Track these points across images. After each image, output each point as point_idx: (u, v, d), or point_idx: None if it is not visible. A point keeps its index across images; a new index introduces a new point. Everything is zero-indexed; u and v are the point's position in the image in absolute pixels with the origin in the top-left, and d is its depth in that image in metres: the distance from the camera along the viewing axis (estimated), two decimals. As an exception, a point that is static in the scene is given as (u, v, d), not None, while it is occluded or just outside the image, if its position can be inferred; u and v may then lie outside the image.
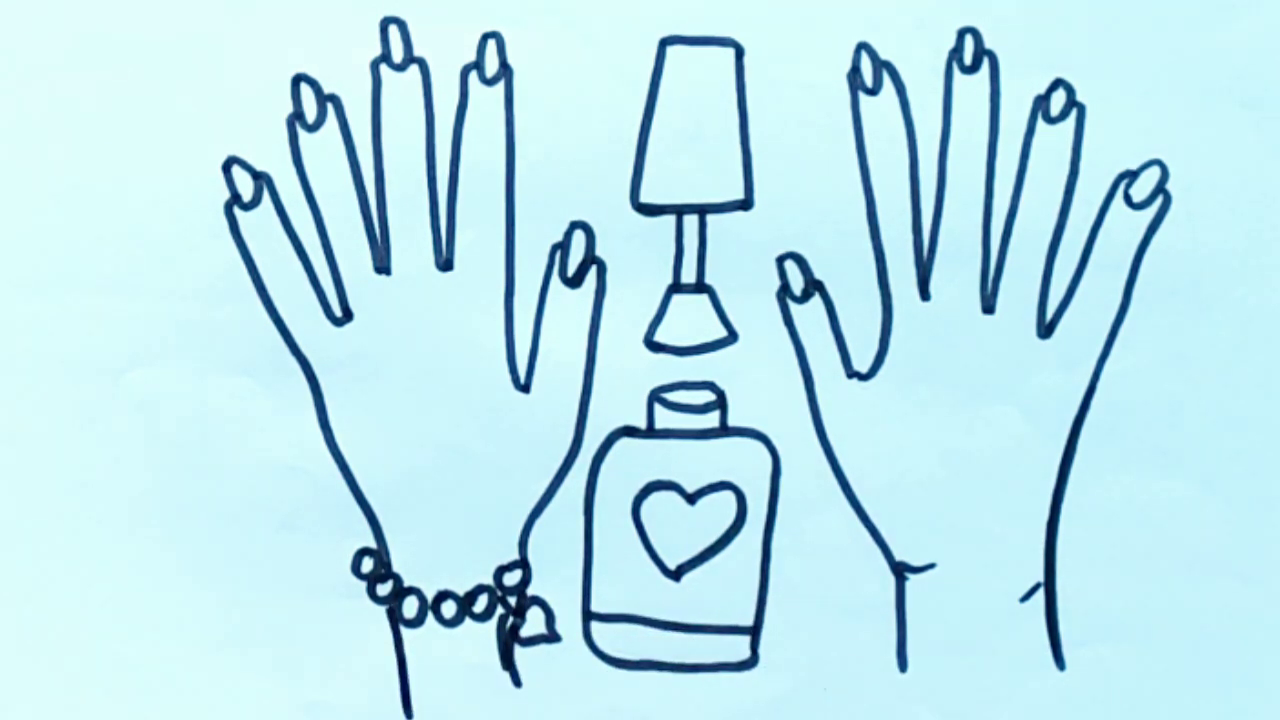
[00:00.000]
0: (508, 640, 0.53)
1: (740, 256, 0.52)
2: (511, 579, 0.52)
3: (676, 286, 0.52)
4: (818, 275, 0.52)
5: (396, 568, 0.52)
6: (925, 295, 0.52)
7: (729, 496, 0.53)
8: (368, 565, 0.52)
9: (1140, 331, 0.52)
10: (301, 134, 0.51)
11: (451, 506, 0.52)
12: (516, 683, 0.53)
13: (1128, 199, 0.52)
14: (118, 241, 0.50)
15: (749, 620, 0.53)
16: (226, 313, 0.51)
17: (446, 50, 0.51)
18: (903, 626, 0.53)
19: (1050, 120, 0.52)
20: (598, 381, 0.52)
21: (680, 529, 0.52)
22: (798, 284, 0.52)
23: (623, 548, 0.52)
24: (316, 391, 0.51)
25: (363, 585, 0.52)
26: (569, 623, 0.53)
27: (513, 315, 0.52)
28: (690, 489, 0.53)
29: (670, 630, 0.53)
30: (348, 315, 0.51)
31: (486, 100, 0.51)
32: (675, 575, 0.53)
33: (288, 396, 0.51)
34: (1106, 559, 0.53)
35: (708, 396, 0.52)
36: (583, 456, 0.52)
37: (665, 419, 0.52)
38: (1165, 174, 0.52)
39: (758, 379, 0.52)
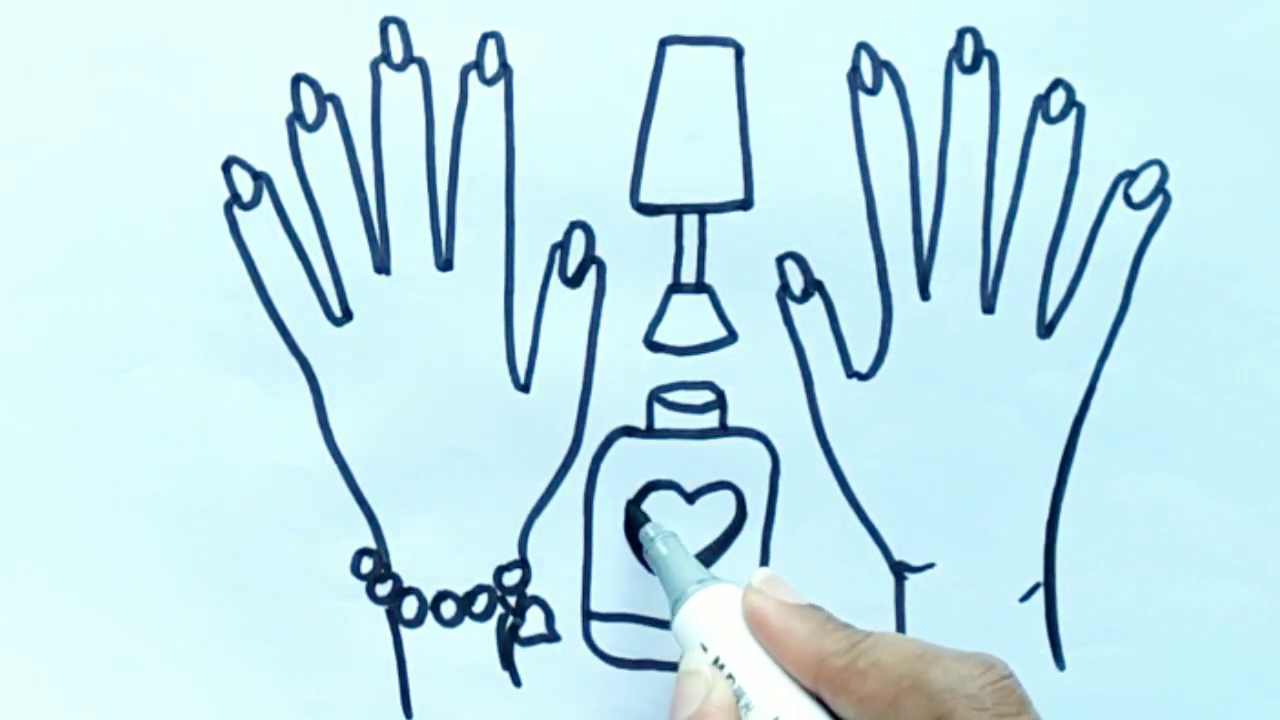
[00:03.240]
0: (507, 640, 0.53)
1: (740, 256, 0.52)
2: (511, 579, 0.52)
3: (676, 286, 0.52)
4: (818, 275, 0.52)
5: (396, 568, 0.52)
6: (925, 295, 0.52)
7: (729, 496, 0.53)
8: (367, 565, 0.52)
9: (1140, 331, 0.52)
10: (301, 134, 0.51)
11: (451, 506, 0.52)
12: (516, 682, 0.53)
13: (1128, 199, 0.52)
14: (118, 241, 0.50)
15: (749, 620, 0.53)
16: (226, 313, 0.51)
17: (446, 50, 0.51)
18: (902, 626, 0.53)
19: (1050, 120, 0.52)
20: (597, 381, 0.52)
21: (680, 529, 0.52)
22: (798, 284, 0.52)
23: (623, 547, 0.52)
24: (316, 391, 0.51)
25: (362, 585, 0.52)
26: (569, 622, 0.53)
27: (513, 315, 0.52)
28: (690, 489, 0.53)
29: (670, 630, 0.52)
30: (348, 315, 0.51)
31: (486, 100, 0.51)
32: (675, 575, 0.53)
33: (288, 396, 0.51)
34: (1106, 559, 0.53)
35: (707, 396, 0.52)
36: (582, 456, 0.52)
37: (665, 419, 0.52)
38: (1165, 174, 0.52)
39: (758, 379, 0.52)
